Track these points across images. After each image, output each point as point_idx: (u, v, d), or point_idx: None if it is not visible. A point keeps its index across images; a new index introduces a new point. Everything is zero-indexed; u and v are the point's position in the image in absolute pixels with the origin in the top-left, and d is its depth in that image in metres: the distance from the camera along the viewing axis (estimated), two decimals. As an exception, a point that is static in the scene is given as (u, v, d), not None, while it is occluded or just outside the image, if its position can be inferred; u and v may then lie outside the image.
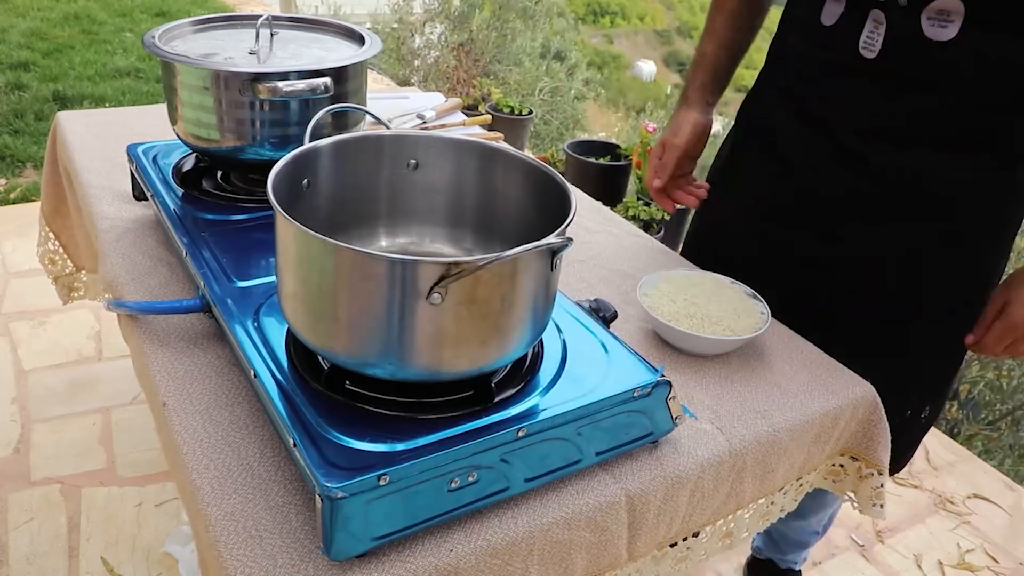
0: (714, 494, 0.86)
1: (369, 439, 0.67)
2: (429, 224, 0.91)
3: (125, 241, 1.09)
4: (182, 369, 0.86)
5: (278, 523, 0.69)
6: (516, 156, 0.84)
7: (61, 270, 1.58)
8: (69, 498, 1.67)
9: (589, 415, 0.75)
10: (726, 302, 1.04)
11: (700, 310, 1.02)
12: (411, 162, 0.87)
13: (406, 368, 0.68)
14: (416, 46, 4.84)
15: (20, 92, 3.87)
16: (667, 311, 1.02)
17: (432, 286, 0.63)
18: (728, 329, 0.99)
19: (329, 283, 0.68)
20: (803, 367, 0.99)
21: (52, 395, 1.95)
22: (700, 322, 1.00)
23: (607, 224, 1.33)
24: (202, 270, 0.91)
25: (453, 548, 0.69)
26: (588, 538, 0.76)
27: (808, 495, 1.11)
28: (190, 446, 0.76)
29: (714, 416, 0.89)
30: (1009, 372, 2.41)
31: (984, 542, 1.88)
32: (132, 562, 1.54)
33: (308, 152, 0.80)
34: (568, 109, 4.83)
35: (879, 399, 0.97)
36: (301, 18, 1.23)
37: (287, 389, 0.72)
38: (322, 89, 1.00)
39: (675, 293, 1.05)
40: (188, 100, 1.03)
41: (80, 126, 1.47)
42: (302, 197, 0.80)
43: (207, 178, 1.14)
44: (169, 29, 1.10)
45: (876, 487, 0.99)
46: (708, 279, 1.09)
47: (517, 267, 0.67)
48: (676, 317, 1.00)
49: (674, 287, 1.07)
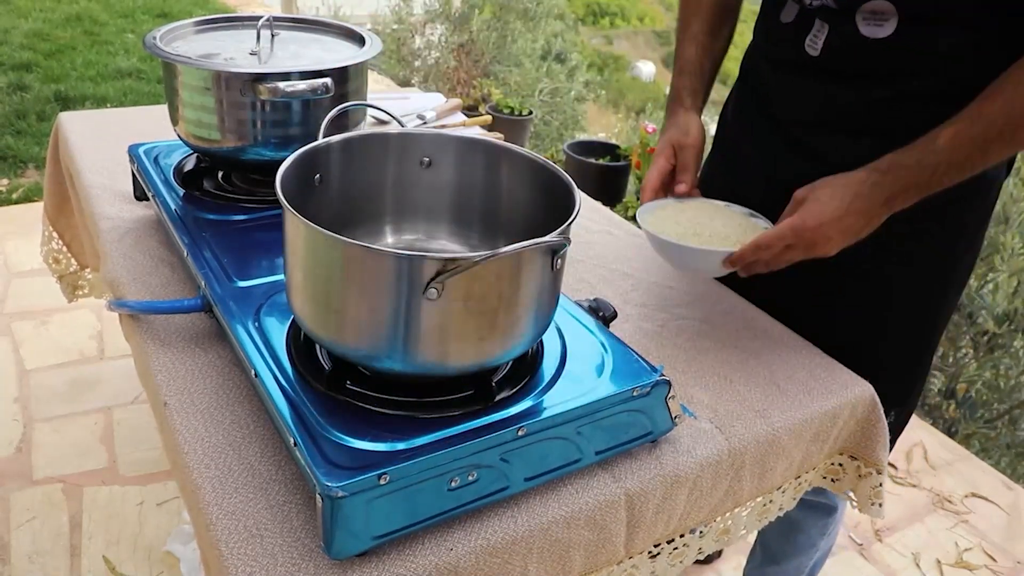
0: (712, 492, 0.86)
1: (369, 438, 0.67)
2: (436, 221, 0.91)
3: (126, 241, 1.09)
4: (183, 369, 0.86)
5: (279, 522, 0.69)
6: (523, 154, 0.84)
7: (65, 269, 1.59)
8: (71, 497, 1.67)
9: (589, 414, 0.75)
10: (729, 219, 1.01)
11: (706, 229, 0.98)
12: (424, 160, 0.88)
13: (407, 362, 0.69)
14: (416, 47, 4.84)
15: (22, 93, 3.87)
16: (673, 233, 0.97)
17: (429, 281, 0.63)
18: (739, 243, 0.94)
19: (332, 276, 0.68)
20: (802, 367, 0.99)
21: (54, 394, 1.96)
22: (710, 240, 0.96)
23: (607, 224, 1.33)
24: (203, 270, 0.91)
25: (453, 547, 0.69)
26: (587, 536, 0.77)
27: (782, 538, 1.10)
28: (191, 445, 0.76)
29: (713, 415, 0.89)
30: (1007, 372, 2.42)
31: (982, 541, 1.88)
32: (134, 561, 1.55)
33: (318, 149, 0.80)
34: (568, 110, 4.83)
35: (878, 399, 0.98)
36: (302, 19, 1.24)
37: (288, 389, 0.73)
38: (323, 89, 1.01)
39: (677, 216, 1.02)
40: (189, 101, 1.04)
41: (82, 127, 1.47)
42: (312, 193, 0.80)
43: (208, 178, 1.14)
44: (170, 30, 1.11)
45: (875, 486, 0.99)
46: (704, 203, 1.05)
47: (516, 265, 0.67)
48: (684, 237, 0.97)
49: (674, 211, 1.03)
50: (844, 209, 0.89)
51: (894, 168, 0.88)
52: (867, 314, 1.08)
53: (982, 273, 2.47)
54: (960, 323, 2.49)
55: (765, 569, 1.41)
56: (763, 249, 0.92)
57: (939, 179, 0.88)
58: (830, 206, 0.89)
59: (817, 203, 0.90)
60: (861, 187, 0.89)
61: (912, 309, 1.08)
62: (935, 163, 0.87)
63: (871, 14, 0.93)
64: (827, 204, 0.89)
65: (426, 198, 0.90)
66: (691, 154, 1.10)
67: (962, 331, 2.50)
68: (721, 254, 0.93)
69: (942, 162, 0.87)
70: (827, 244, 0.90)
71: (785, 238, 0.91)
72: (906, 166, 0.88)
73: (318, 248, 0.68)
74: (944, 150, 0.87)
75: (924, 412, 2.50)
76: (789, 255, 0.92)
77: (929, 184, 0.88)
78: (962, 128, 0.86)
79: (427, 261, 0.63)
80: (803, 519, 1.29)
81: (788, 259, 0.93)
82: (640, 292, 1.12)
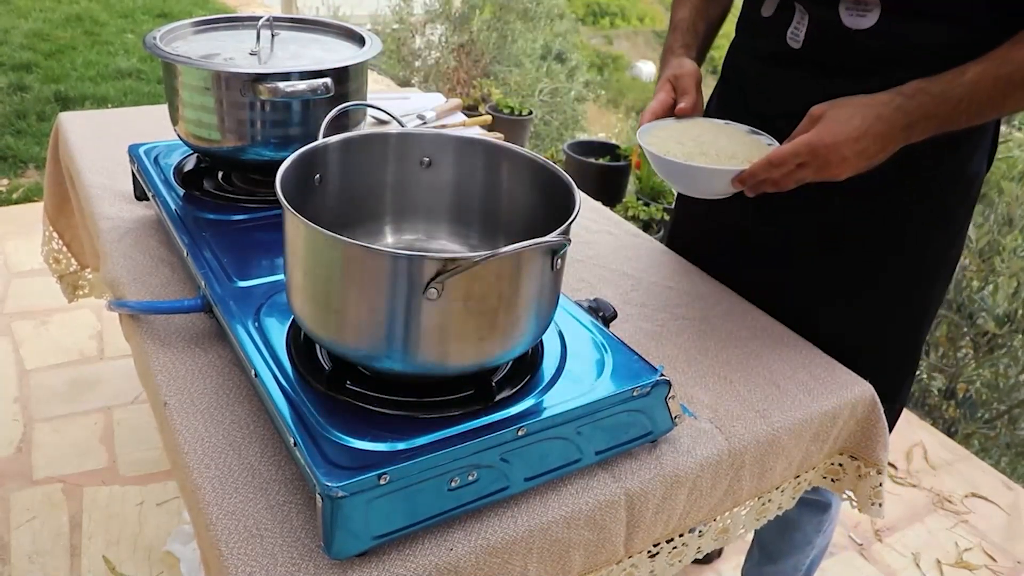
0: (712, 492, 0.86)
1: (369, 438, 0.67)
2: (436, 221, 0.92)
3: (126, 241, 1.09)
4: (183, 369, 0.86)
5: (279, 522, 0.69)
6: (523, 154, 0.84)
7: (66, 268, 1.59)
8: (71, 497, 1.67)
9: (588, 414, 0.75)
10: (733, 137, 0.97)
11: (712, 147, 0.94)
12: (424, 160, 0.88)
13: (407, 362, 0.69)
14: (416, 47, 4.84)
15: (22, 93, 3.87)
16: (678, 152, 0.93)
17: (429, 281, 0.63)
18: (748, 161, 0.91)
19: (332, 276, 0.68)
20: (802, 366, 0.99)
21: (54, 394, 1.96)
22: (717, 158, 0.92)
23: (607, 224, 1.33)
24: (203, 270, 0.91)
25: (453, 547, 0.69)
26: (587, 536, 0.77)
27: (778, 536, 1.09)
28: (191, 445, 0.76)
29: (713, 415, 0.89)
30: (1006, 371, 2.42)
31: (982, 541, 1.88)
32: (134, 561, 1.55)
33: (318, 149, 0.81)
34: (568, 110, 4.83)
35: (878, 398, 0.98)
36: (302, 19, 1.24)
37: (288, 389, 0.73)
38: (323, 90, 1.01)
39: (679, 136, 0.97)
40: (189, 101, 1.04)
41: (82, 127, 1.47)
42: (312, 192, 0.80)
43: (208, 178, 1.14)
44: (170, 30, 1.11)
45: (875, 486, 0.99)
46: (705, 122, 1.01)
47: (516, 265, 0.68)
48: (691, 156, 0.92)
49: (676, 131, 0.98)
50: (863, 130, 0.86)
51: (919, 94, 0.86)
52: (855, 306, 1.08)
53: (983, 275, 2.47)
54: (960, 323, 2.49)
55: (763, 568, 1.41)
56: (775, 166, 0.88)
57: (959, 115, 0.86)
58: (850, 125, 0.86)
59: (836, 121, 0.86)
60: (884, 108, 0.86)
61: (898, 302, 1.08)
62: (959, 96, 0.85)
63: (854, 4, 0.92)
64: (846, 123, 0.86)
65: (426, 198, 0.90)
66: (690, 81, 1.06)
67: (962, 331, 2.50)
68: (730, 173, 0.90)
69: (965, 97, 0.85)
70: (841, 165, 0.87)
71: (800, 155, 0.87)
72: (931, 93, 0.86)
73: (318, 248, 0.68)
74: (969, 84, 0.85)
75: (924, 412, 2.51)
76: (800, 174, 0.89)
77: (949, 118, 0.87)
78: (989, 68, 0.85)
79: (427, 261, 0.63)
80: (798, 517, 1.29)
81: (799, 178, 0.90)
82: (640, 292, 1.12)
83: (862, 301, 1.08)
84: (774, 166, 0.88)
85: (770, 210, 1.07)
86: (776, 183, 0.91)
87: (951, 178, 1.02)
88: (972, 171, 1.02)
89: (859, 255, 1.06)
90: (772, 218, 1.09)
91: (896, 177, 0.98)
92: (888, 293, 1.07)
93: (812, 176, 0.89)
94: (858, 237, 1.05)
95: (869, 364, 1.02)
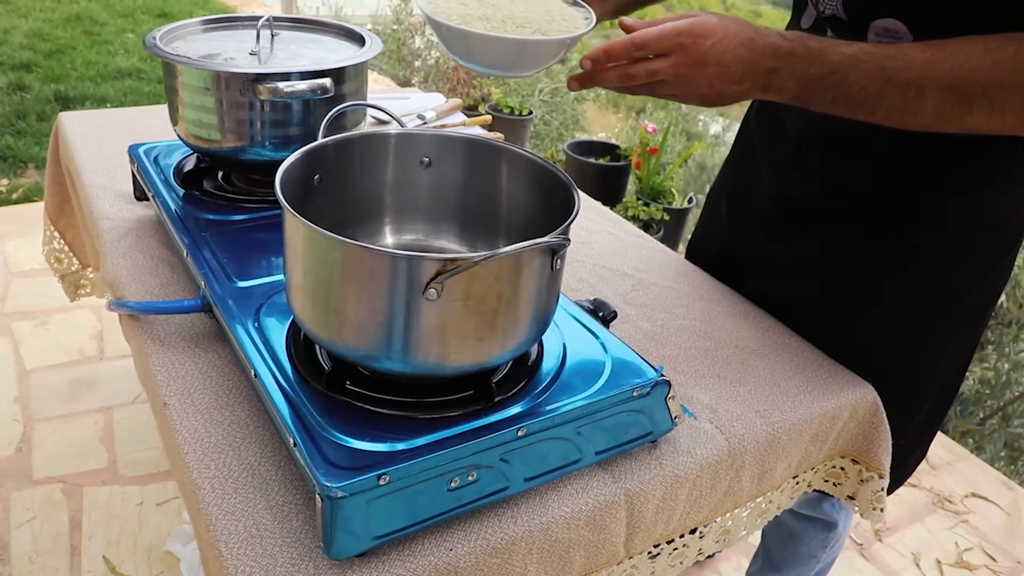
0: (712, 493, 0.86)
1: (369, 439, 0.67)
2: (435, 221, 0.91)
3: (126, 241, 1.09)
4: (183, 369, 0.86)
5: (279, 522, 0.69)
6: (523, 154, 0.84)
7: (67, 268, 1.59)
8: (71, 497, 1.67)
9: (588, 414, 0.75)
10: (537, 5, 0.87)
11: (501, 12, 0.83)
12: (424, 160, 0.88)
13: (407, 362, 0.69)
14: (416, 47, 4.84)
15: (22, 93, 3.87)
16: (456, 13, 0.82)
17: (429, 281, 0.63)
18: (538, 31, 0.81)
19: (331, 276, 0.68)
20: (803, 367, 0.99)
21: (54, 394, 1.96)
22: (501, 24, 0.82)
23: (607, 224, 1.33)
24: (203, 270, 0.91)
25: (453, 547, 0.69)
26: (587, 537, 0.77)
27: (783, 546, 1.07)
28: (191, 445, 0.76)
29: (713, 415, 0.89)
30: (996, 365, 2.42)
31: (982, 541, 1.88)
32: (134, 561, 1.55)
33: (318, 149, 0.80)
34: (568, 110, 4.83)
35: (880, 401, 0.97)
36: (302, 19, 1.24)
37: (287, 389, 0.73)
38: (323, 90, 1.01)
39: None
40: (189, 101, 1.04)
41: (82, 127, 1.47)
42: (312, 193, 0.80)
43: (208, 178, 1.14)
44: (170, 30, 1.11)
45: (876, 491, 0.99)
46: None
47: (515, 265, 0.67)
48: (467, 19, 0.81)
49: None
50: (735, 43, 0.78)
51: (799, 39, 0.79)
52: (861, 331, 1.04)
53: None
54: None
55: (766, 575, 1.41)
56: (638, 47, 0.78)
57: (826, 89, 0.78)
58: (723, 30, 0.78)
59: (709, 24, 0.78)
60: (759, 38, 0.79)
61: (910, 335, 1.03)
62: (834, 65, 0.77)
63: (884, 32, 0.87)
64: (720, 27, 0.78)
65: (426, 198, 0.90)
66: None
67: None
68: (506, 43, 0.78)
69: (839, 69, 0.77)
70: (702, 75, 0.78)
71: (664, 40, 0.77)
72: (808, 47, 0.78)
73: (318, 248, 0.68)
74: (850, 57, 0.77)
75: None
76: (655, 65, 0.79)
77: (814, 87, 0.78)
78: (877, 51, 0.77)
79: (427, 261, 0.63)
80: (803, 531, 1.29)
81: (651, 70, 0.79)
82: (640, 292, 1.12)
83: (868, 324, 1.04)
84: (637, 47, 0.78)
85: (787, 231, 1.06)
86: (628, 74, 0.80)
87: (975, 213, 0.95)
88: (1006, 209, 0.95)
89: (861, 277, 1.02)
90: (787, 239, 1.07)
91: (914, 202, 0.95)
92: (896, 321, 1.03)
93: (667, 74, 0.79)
94: (861, 256, 1.02)
95: (880, 378, 0.99)
